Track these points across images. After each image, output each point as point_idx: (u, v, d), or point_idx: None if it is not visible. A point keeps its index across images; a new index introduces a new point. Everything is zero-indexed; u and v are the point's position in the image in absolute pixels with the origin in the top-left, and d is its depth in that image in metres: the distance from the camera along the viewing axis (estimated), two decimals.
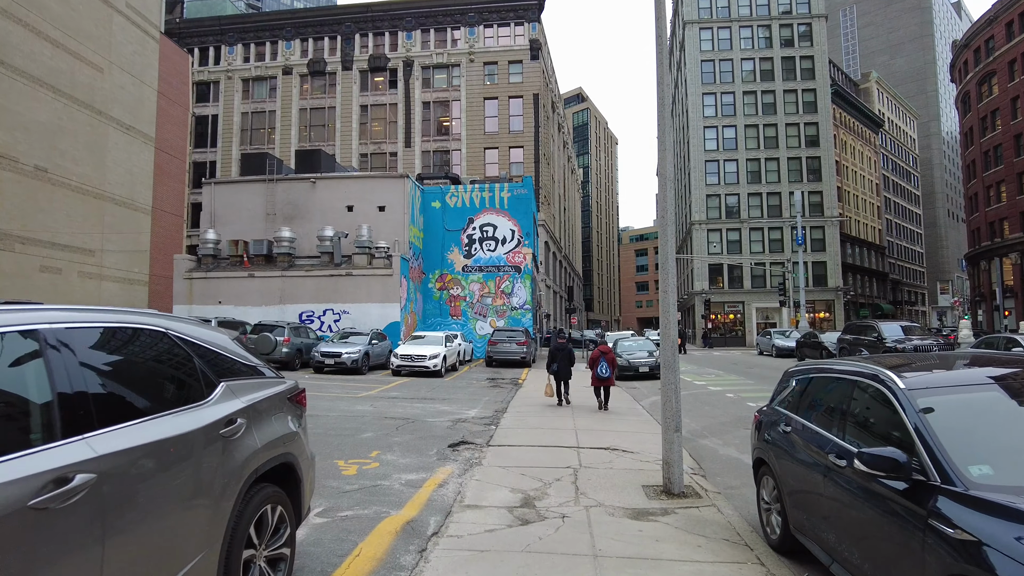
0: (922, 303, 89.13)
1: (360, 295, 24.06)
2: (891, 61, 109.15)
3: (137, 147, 35.91)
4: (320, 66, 55.82)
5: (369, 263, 24.35)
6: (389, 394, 14.51)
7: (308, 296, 24.46)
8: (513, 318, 28.25)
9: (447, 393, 15.04)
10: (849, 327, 21.20)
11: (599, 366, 11.82)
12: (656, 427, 10.52)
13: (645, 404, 13.61)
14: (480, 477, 6.85)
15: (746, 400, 13.81)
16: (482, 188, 28.79)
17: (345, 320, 24.05)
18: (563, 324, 58.44)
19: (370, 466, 7.18)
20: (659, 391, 7.27)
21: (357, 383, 16.84)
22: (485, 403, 13.27)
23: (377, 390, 15.30)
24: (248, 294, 24.88)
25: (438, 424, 10.19)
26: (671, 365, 6.57)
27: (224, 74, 57.49)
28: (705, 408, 12.83)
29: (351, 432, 9.25)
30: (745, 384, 17.37)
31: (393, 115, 54.08)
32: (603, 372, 11.79)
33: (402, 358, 19.14)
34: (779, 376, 5.56)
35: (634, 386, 17.45)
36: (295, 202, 26.66)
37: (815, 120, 49.72)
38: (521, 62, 52.21)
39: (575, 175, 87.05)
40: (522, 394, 15.11)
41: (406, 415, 11.08)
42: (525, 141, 50.72)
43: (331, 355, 19.35)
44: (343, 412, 11.29)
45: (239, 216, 26.90)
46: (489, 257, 28.56)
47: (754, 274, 49.08)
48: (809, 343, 25.02)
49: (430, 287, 28.62)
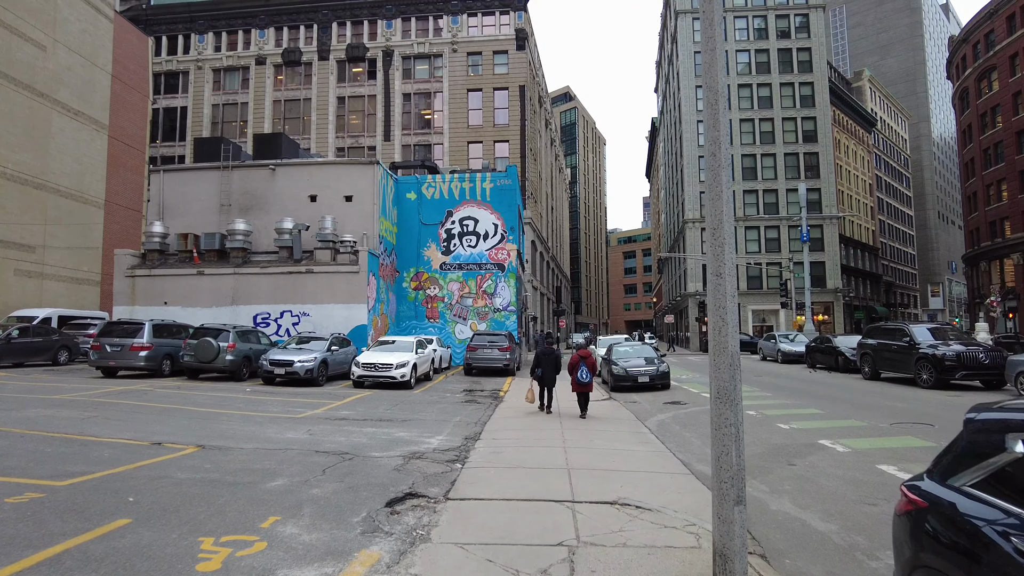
0: (914, 305, 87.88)
1: (322, 295, 21.38)
2: (881, 62, 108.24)
3: (87, 134, 32.89)
4: (295, 56, 53.05)
5: (333, 259, 21.68)
6: (338, 413, 11.87)
7: (264, 296, 21.74)
8: (496, 321, 25.70)
9: (411, 411, 12.43)
10: (873, 330, 18.86)
11: (579, 371, 11.38)
12: (671, 461, 8.03)
13: (652, 424, 11.11)
14: (422, 572, 4.30)
15: (774, 420, 11.35)
16: (462, 178, 26.22)
17: (305, 323, 21.37)
18: (551, 327, 55.98)
19: (250, 550, 4.58)
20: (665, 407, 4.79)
21: (307, 398, 14.18)
22: (455, 426, 10.70)
23: (326, 407, 12.66)
24: (197, 294, 22.11)
25: (384, 462, 7.60)
26: (729, 396, 4.04)
27: (194, 64, 54.49)
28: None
29: (257, 478, 6.64)
30: (762, 397, 14.95)
31: (372, 107, 51.44)
32: (583, 377, 11.37)
33: (364, 367, 16.50)
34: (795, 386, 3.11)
35: (634, 399, 14.95)
36: (252, 192, 23.94)
37: (812, 115, 47.73)
38: (506, 52, 49.81)
39: (563, 174, 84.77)
40: (502, 411, 12.55)
41: (346, 447, 8.48)
42: (511, 135, 48.27)
43: (281, 364, 16.67)
44: (265, 443, 8.67)
45: (190, 207, 24.12)
46: (470, 254, 25.99)
47: (750, 275, 46.93)
48: (821, 348, 22.71)
49: (404, 287, 25.97)
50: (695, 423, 11.26)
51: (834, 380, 18.65)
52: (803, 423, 10.83)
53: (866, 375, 18.21)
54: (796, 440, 9.41)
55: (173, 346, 18.20)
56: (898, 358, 16.50)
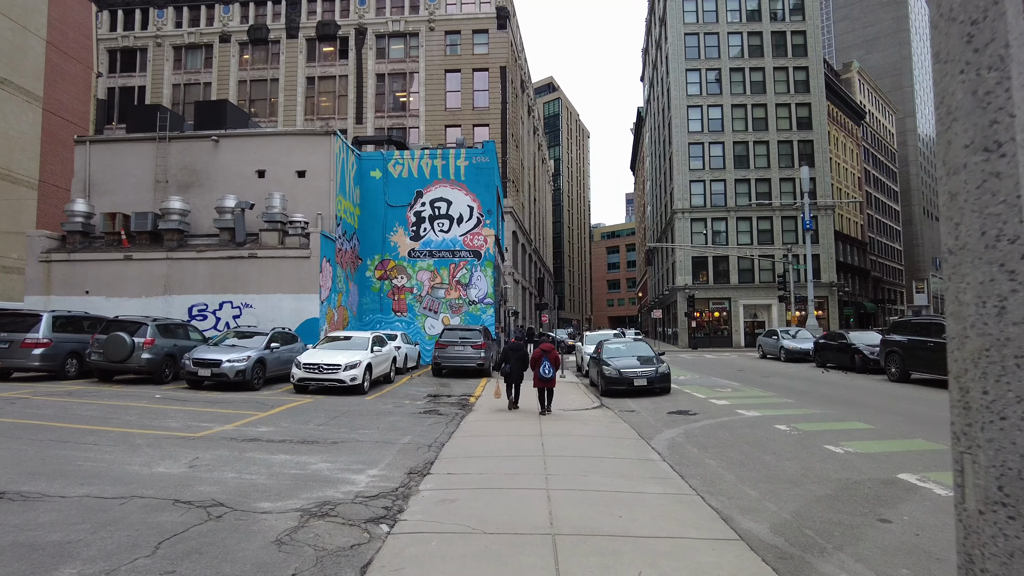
0: (901, 302, 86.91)
1: (268, 283, 18.52)
2: (867, 56, 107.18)
3: (16, 106, 29.42)
4: (262, 33, 49.67)
5: (280, 242, 18.82)
6: (253, 430, 9.12)
7: (201, 285, 18.82)
8: (471, 315, 23.01)
9: (351, 426, 9.73)
10: (900, 324, 16.49)
11: (541, 366, 11.10)
12: (703, 512, 5.43)
13: (660, 445, 8.51)
14: None
15: (816, 439, 8.83)
16: (433, 155, 23.43)
17: (248, 316, 18.50)
18: (534, 322, 53.38)
19: None
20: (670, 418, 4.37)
21: (226, 407, 11.39)
22: (401, 451, 8.01)
23: (243, 421, 9.90)
24: (124, 282, 19.12)
25: (267, 523, 4.90)
26: None
27: (153, 40, 50.85)
28: (765, 457, 7.76)
29: (49, 557, 3.91)
30: (783, 405, 12.47)
31: (343, 88, 48.28)
32: (545, 372, 11.08)
33: (306, 368, 13.72)
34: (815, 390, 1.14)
35: (630, 407, 12.37)
36: (193, 167, 20.95)
37: (807, 100, 45.55)
38: (487, 32, 46.97)
39: (545, 166, 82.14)
40: (469, 425, 9.90)
41: (227, 492, 5.76)
42: (491, 118, 45.46)
43: (207, 363, 13.83)
44: (110, 484, 5.91)
45: (122, 184, 21.07)
46: (442, 239, 23.25)
47: (741, 268, 44.71)
48: (834, 345, 20.34)
49: (368, 276, 23.16)
50: (716, 443, 8.70)
51: (855, 382, 16.28)
52: (858, 444, 8.31)
53: (893, 376, 15.85)
54: (864, 472, 6.88)
55: (82, 342, 15.24)
56: (936, 357, 14.13)
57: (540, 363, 11.08)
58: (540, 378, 11.08)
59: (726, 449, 8.26)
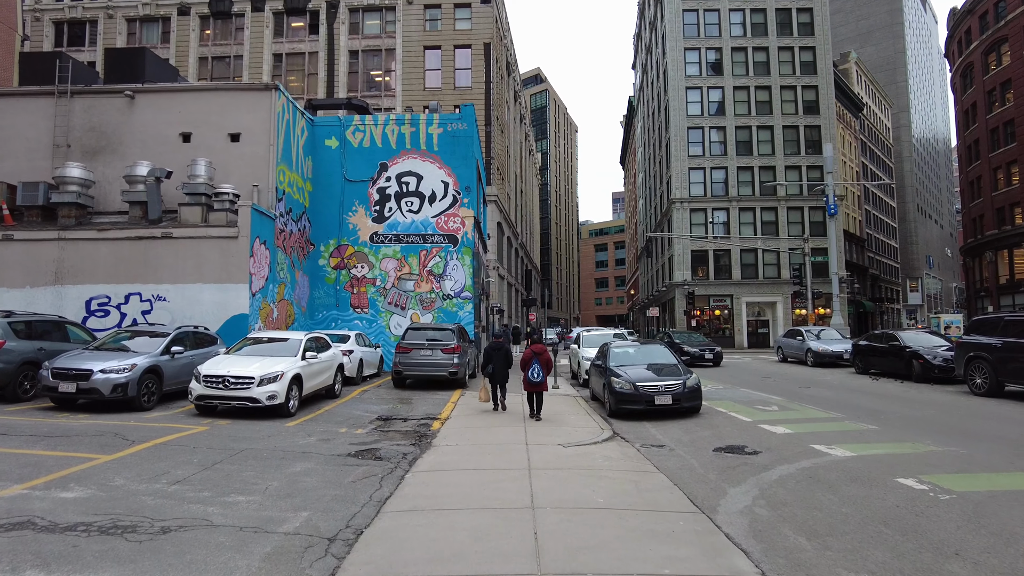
0: (897, 300, 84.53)
1: (187, 270, 14.71)
2: (860, 49, 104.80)
3: None
4: (225, 6, 45.50)
5: (204, 219, 15.01)
6: (49, 496, 5.36)
7: (103, 273, 14.95)
8: (446, 311, 19.35)
9: (219, 489, 6.00)
10: (983, 322, 13.07)
11: (531, 369, 10.17)
12: None
13: (736, 531, 4.88)
14: None
15: (987, 508, 5.28)
16: (400, 120, 19.68)
17: (161, 311, 14.67)
18: (520, 321, 49.78)
19: None
20: (722, 459, 5.00)
21: (61, 443, 7.61)
22: (268, 559, 4.32)
23: (60, 473, 6.14)
24: (5, 268, 15.19)
25: None
26: None
27: (104, 12, 46.47)
28: (949, 566, 4.17)
29: None
30: (868, 433, 8.96)
31: (313, 66, 44.30)
32: (534, 376, 10.15)
33: (208, 382, 9.95)
34: (879, 406, 1.62)
35: (656, 438, 8.76)
36: (102, 128, 17.04)
37: (814, 83, 42.34)
38: (469, 6, 43.25)
39: (533, 157, 78.54)
40: (417, 483, 6.22)
41: None
42: (474, 98, 41.67)
43: (71, 375, 10.03)
44: None
45: (11, 148, 17.10)
46: (411, 221, 19.54)
47: (744, 262, 41.39)
48: (882, 348, 16.88)
49: (321, 264, 19.38)
50: (829, 523, 5.07)
51: (927, 395, 12.86)
52: None
53: (978, 389, 12.43)
54: None
55: None
56: None
57: (530, 365, 10.26)
58: (528, 382, 10.28)
59: (855, 538, 4.66)
